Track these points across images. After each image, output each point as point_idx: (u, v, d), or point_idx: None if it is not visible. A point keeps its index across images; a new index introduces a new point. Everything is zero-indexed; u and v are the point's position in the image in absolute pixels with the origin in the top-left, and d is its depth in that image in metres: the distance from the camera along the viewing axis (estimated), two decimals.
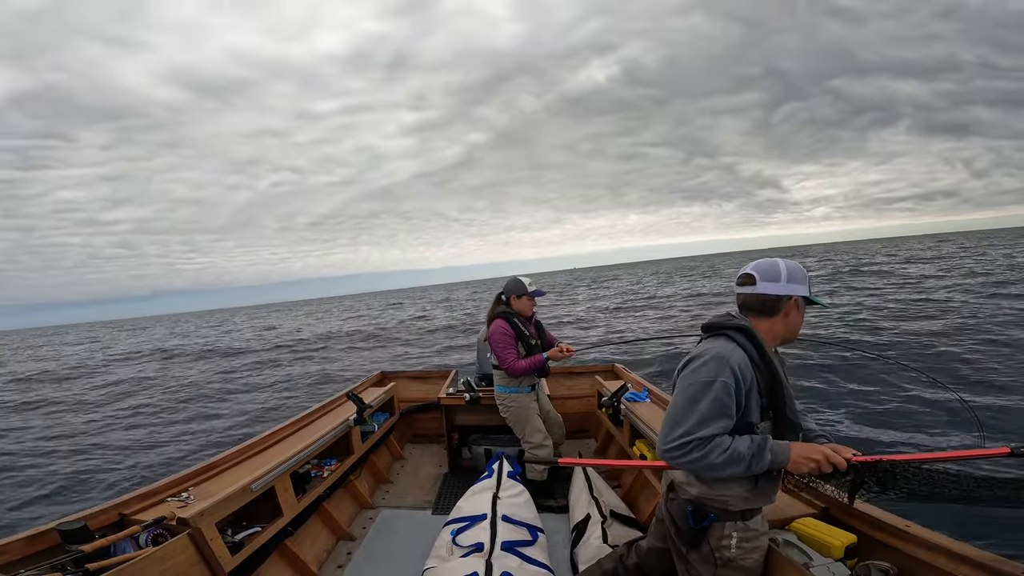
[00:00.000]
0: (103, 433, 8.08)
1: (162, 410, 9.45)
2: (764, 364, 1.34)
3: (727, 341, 1.35)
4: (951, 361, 7.12)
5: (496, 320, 3.01)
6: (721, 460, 1.25)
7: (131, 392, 11.98)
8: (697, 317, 14.27)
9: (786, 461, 1.29)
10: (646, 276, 54.49)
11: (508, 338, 2.95)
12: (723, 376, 1.27)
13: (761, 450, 1.27)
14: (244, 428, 7.42)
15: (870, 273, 24.38)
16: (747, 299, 1.44)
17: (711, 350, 1.34)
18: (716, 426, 1.26)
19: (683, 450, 1.26)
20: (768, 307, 1.40)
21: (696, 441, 1.25)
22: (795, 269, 1.41)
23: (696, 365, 1.34)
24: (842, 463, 1.28)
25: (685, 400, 1.31)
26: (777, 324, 1.41)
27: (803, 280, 1.41)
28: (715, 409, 1.26)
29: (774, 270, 1.40)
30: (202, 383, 12.26)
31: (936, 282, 17.31)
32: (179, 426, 8.08)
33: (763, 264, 1.43)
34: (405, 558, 2.58)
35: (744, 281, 1.44)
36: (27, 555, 1.64)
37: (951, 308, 11.34)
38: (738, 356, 1.31)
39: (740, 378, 1.29)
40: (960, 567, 1.32)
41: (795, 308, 1.41)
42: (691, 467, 1.31)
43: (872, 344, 8.55)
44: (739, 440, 1.27)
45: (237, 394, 10.51)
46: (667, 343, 10.07)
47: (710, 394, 1.27)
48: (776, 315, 1.40)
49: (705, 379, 1.29)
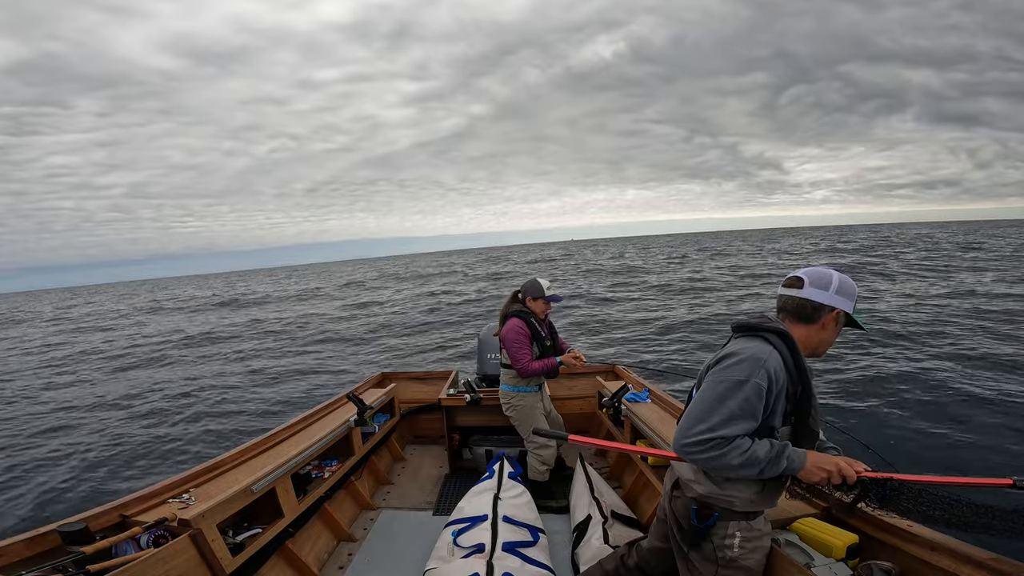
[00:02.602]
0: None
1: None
2: (798, 371, 1.31)
3: (763, 343, 1.31)
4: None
5: (512, 318, 2.97)
6: (738, 462, 1.23)
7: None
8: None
9: (800, 469, 1.28)
10: (687, 250, 53.47)
11: (524, 338, 2.91)
12: (757, 377, 1.24)
13: (779, 456, 1.25)
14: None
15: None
16: (788, 302, 1.40)
17: (747, 349, 1.30)
18: (741, 427, 1.24)
19: (703, 446, 1.24)
20: (808, 314, 1.36)
21: (718, 439, 1.23)
22: (846, 284, 1.37)
23: (731, 363, 1.30)
24: (852, 476, 1.28)
25: (714, 396, 1.27)
26: (812, 334, 1.37)
27: (851, 296, 1.37)
28: (743, 410, 1.24)
29: (825, 278, 1.36)
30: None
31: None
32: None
33: (815, 270, 1.40)
34: (406, 559, 2.58)
35: (791, 283, 1.40)
36: (28, 557, 1.64)
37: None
38: (775, 360, 1.27)
39: (773, 381, 1.26)
40: (962, 567, 1.32)
41: (834, 322, 1.36)
42: (706, 464, 1.30)
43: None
44: (759, 444, 1.25)
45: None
46: (668, 345, 10.07)
47: (740, 394, 1.24)
48: (814, 323, 1.36)
49: (738, 378, 1.25)
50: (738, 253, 40.24)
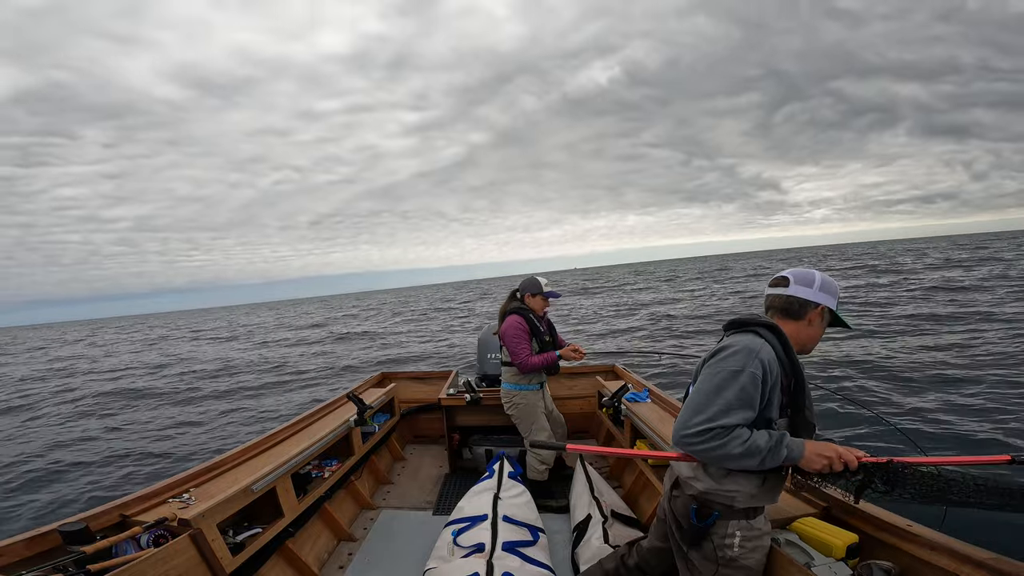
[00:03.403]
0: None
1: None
2: (790, 362, 1.35)
3: (755, 336, 1.35)
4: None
5: (511, 315, 3.00)
6: (739, 451, 1.25)
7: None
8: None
9: (800, 457, 1.30)
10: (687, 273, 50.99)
11: (523, 333, 2.94)
12: (751, 367, 1.28)
13: (779, 445, 1.27)
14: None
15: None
16: (775, 300, 1.47)
17: (740, 342, 1.34)
18: (739, 416, 1.26)
19: (703, 437, 1.26)
20: (794, 310, 1.43)
21: (718, 429, 1.25)
22: (829, 282, 1.45)
23: (725, 354, 1.34)
24: (854, 462, 1.29)
25: (711, 387, 1.30)
26: (800, 329, 1.43)
27: (834, 294, 1.45)
28: (741, 399, 1.26)
29: (809, 276, 1.45)
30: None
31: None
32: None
33: (799, 270, 1.48)
34: (406, 559, 2.58)
35: (777, 283, 1.48)
36: (28, 556, 1.64)
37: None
38: (767, 351, 1.31)
39: (768, 371, 1.29)
40: (962, 567, 1.32)
41: (819, 318, 1.44)
42: (707, 455, 1.31)
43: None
44: (758, 434, 1.27)
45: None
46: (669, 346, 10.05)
47: (737, 383, 1.27)
48: (800, 320, 1.43)
49: (734, 368, 1.29)
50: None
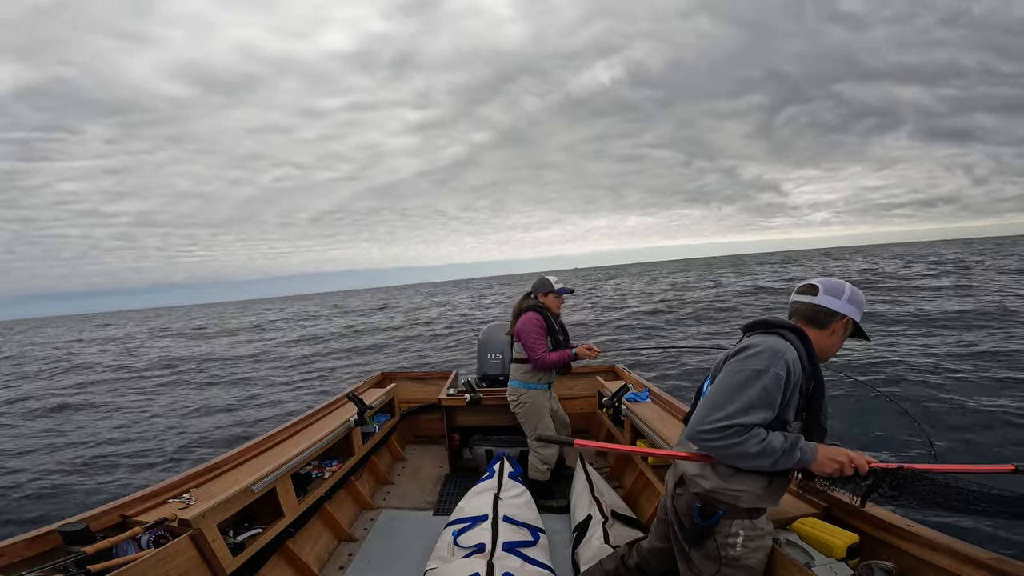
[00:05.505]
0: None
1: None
2: (812, 368, 1.35)
3: (780, 338, 1.35)
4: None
5: (528, 312, 2.99)
6: (755, 450, 1.25)
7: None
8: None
9: (812, 461, 1.30)
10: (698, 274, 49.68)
11: (540, 330, 2.94)
12: (776, 367, 1.28)
13: (793, 447, 1.28)
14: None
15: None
16: (801, 307, 1.46)
17: (765, 342, 1.34)
18: (759, 415, 1.26)
19: (721, 434, 1.26)
20: (820, 319, 1.42)
21: (737, 427, 1.25)
22: (857, 294, 1.45)
23: (750, 353, 1.33)
24: (864, 466, 1.30)
25: (733, 384, 1.30)
26: (822, 338, 1.42)
27: (860, 306, 1.44)
28: (762, 399, 1.26)
29: (839, 287, 1.44)
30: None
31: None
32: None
33: (829, 279, 1.48)
34: (406, 559, 2.58)
35: (806, 290, 1.47)
36: (29, 557, 1.64)
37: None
38: (792, 354, 1.32)
39: (791, 373, 1.30)
40: (963, 567, 1.32)
41: (842, 329, 1.43)
42: (721, 452, 1.31)
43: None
44: (774, 435, 1.27)
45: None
46: (670, 347, 10.05)
47: (760, 383, 1.27)
48: (824, 329, 1.42)
49: (758, 367, 1.28)
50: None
